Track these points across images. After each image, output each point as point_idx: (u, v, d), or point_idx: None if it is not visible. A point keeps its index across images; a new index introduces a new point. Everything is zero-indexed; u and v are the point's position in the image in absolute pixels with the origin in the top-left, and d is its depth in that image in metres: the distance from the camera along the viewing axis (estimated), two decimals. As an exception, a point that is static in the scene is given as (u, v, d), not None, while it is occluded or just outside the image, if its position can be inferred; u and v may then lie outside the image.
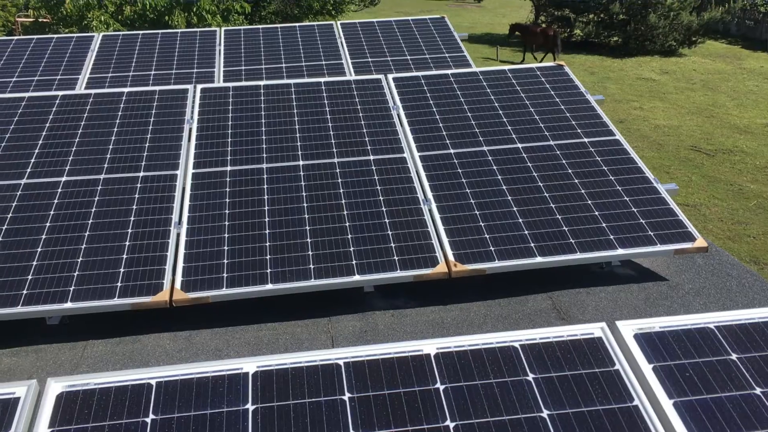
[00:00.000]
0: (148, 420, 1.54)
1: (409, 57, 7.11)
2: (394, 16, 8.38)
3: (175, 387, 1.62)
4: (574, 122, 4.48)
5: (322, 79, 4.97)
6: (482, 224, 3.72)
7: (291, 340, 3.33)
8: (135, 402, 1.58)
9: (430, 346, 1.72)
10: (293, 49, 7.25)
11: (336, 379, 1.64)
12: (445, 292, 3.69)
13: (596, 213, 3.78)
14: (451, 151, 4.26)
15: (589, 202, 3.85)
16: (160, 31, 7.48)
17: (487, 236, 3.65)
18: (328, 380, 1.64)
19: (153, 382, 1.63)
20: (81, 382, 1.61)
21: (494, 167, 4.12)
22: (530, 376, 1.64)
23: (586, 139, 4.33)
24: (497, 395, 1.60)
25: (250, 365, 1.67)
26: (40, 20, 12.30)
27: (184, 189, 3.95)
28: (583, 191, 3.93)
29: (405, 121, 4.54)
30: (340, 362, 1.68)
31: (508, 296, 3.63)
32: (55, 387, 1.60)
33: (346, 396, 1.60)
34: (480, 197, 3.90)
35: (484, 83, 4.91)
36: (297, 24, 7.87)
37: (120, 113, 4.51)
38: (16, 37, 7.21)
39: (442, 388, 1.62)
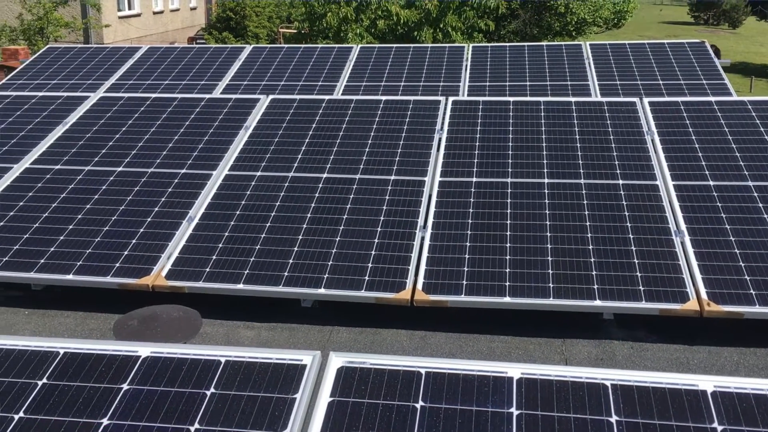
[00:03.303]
0: (418, 406, 1.63)
1: (661, 82, 6.77)
2: (636, 40, 8.00)
3: (442, 379, 1.69)
4: None
5: (572, 99, 4.90)
6: (742, 264, 3.43)
7: (523, 355, 3.31)
8: (406, 386, 1.67)
9: (706, 383, 1.62)
10: (538, 68, 7.23)
11: (603, 400, 1.61)
12: (691, 330, 3.45)
13: None
14: (711, 183, 3.98)
15: None
16: (412, 45, 7.86)
17: (748, 278, 3.35)
18: (594, 399, 1.61)
19: (422, 371, 1.71)
20: (359, 360, 1.74)
21: (760, 204, 3.77)
22: (826, 434, 1.48)
23: None
24: (785, 448, 1.46)
25: (514, 370, 1.70)
26: (301, 31, 13.53)
27: (430, 195, 4.10)
28: None
29: (659, 147, 4.32)
30: (608, 383, 1.65)
31: (766, 346, 3.31)
32: (337, 361, 1.75)
33: (614, 419, 1.56)
34: (741, 235, 3.59)
35: (753, 113, 4.52)
36: (544, 43, 7.84)
37: (377, 119, 4.81)
38: (286, 45, 7.98)
39: (720, 429, 1.52)
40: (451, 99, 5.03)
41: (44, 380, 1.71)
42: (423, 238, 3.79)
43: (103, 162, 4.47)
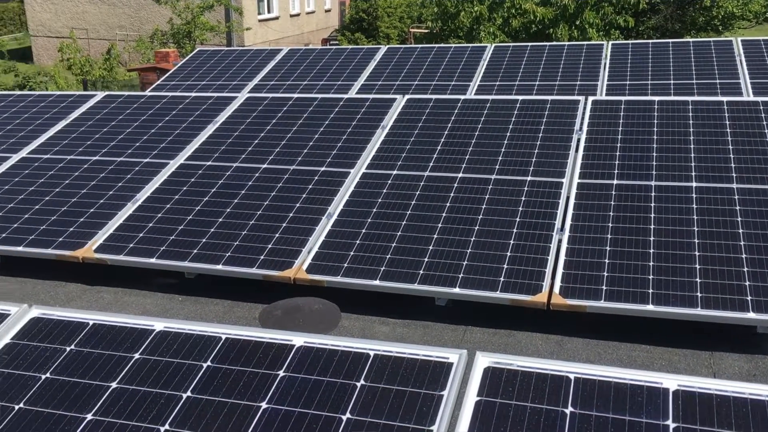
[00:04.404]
0: (567, 411, 1.60)
1: (824, 79, 6.25)
2: (795, 34, 7.32)
3: (593, 386, 1.65)
4: None
5: (723, 98, 4.63)
6: None
7: (667, 366, 3.17)
8: (554, 391, 1.65)
9: None
10: (683, 66, 6.87)
11: (769, 418, 1.52)
12: None
13: None
14: None
15: None
16: (547, 43, 7.70)
17: None
18: (759, 416, 1.53)
19: (572, 376, 1.69)
20: (505, 361, 1.74)
21: None
22: None
23: None
24: None
25: (670, 382, 1.64)
26: (433, 31, 13.60)
27: (568, 197, 4.01)
28: None
29: (824, 150, 4.00)
30: (774, 401, 1.55)
31: None
32: (483, 360, 1.75)
33: (782, 439, 1.47)
34: None
35: None
36: (690, 39, 7.45)
37: (513, 119, 4.76)
38: (419, 45, 8.05)
39: None
40: (590, 98, 4.89)
41: (209, 363, 1.83)
42: (560, 241, 3.71)
43: (249, 159, 4.71)
